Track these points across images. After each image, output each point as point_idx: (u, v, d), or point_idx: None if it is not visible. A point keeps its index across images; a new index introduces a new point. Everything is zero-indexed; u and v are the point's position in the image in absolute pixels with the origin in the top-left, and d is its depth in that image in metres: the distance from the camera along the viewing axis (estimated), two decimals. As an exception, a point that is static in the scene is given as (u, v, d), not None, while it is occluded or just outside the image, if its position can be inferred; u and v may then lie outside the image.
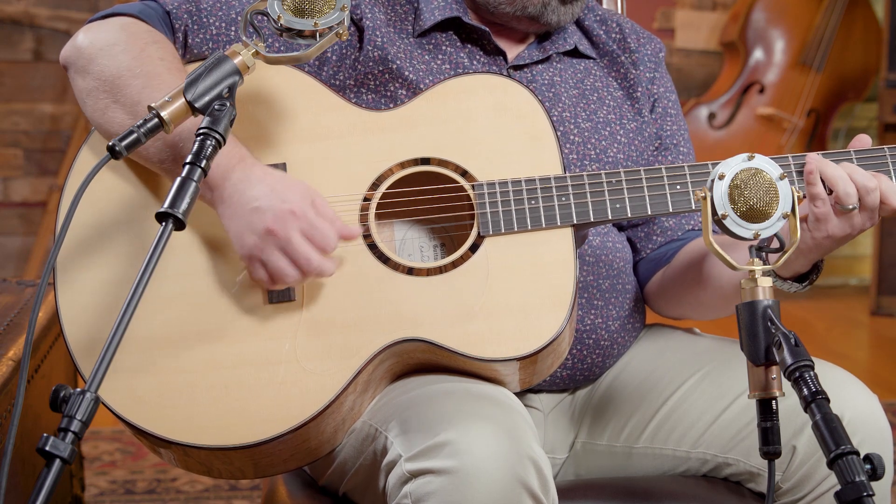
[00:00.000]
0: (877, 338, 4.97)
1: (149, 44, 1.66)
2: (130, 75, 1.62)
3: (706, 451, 1.75)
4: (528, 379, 1.64)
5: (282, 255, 1.54)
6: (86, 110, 1.67)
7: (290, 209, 1.54)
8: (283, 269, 1.54)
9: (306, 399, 1.56)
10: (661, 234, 1.88)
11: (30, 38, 5.03)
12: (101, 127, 1.66)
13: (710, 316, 1.86)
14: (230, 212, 1.56)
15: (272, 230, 1.53)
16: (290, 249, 1.54)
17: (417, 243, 1.71)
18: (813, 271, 1.69)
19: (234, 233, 1.56)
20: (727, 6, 5.54)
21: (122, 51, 1.64)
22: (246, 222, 1.55)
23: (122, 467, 3.39)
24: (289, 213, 1.54)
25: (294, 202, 1.54)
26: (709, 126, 5.28)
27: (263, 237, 1.54)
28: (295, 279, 1.55)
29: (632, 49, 1.91)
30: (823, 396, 1.32)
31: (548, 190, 1.64)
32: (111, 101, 1.63)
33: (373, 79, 1.75)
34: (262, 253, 1.54)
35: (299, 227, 1.54)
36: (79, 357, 1.59)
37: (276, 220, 1.53)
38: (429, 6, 1.80)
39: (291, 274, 1.55)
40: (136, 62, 1.63)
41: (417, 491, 1.46)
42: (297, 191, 1.56)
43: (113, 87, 1.63)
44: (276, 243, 1.54)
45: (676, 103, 1.95)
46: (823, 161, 1.61)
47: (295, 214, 1.54)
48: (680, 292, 1.84)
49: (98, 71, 1.65)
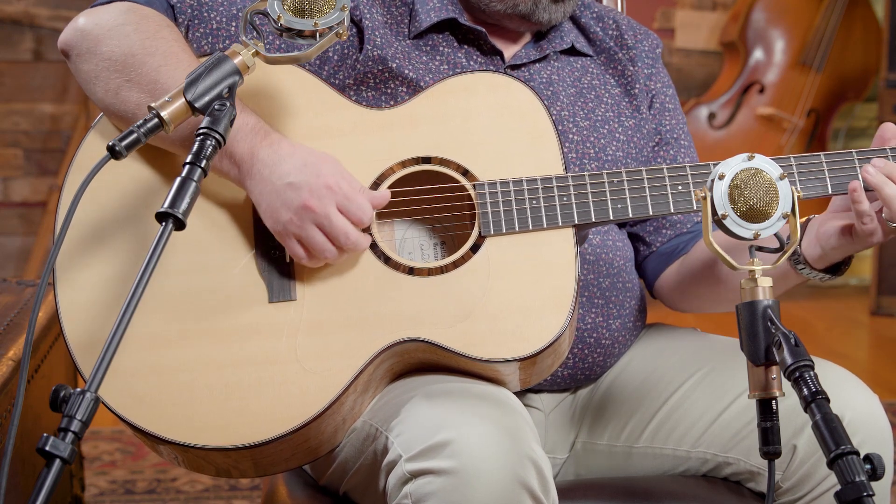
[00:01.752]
0: (877, 338, 4.97)
1: (163, 26, 1.64)
2: (145, 53, 1.60)
3: (706, 451, 1.75)
4: (527, 379, 1.64)
5: (319, 231, 1.54)
6: (95, 94, 1.64)
7: (325, 183, 1.54)
8: (321, 244, 1.54)
9: (307, 399, 1.56)
10: (671, 228, 1.88)
11: (30, 38, 5.03)
12: (113, 108, 1.63)
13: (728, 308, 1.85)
14: (261, 188, 1.56)
15: (309, 206, 1.53)
16: (329, 225, 1.53)
17: (418, 242, 1.71)
18: (846, 262, 1.67)
19: (267, 208, 1.55)
20: (727, 6, 5.54)
21: (134, 31, 1.62)
22: (280, 198, 1.54)
23: (122, 467, 3.39)
24: (325, 187, 1.53)
25: (328, 175, 1.54)
26: (709, 126, 5.28)
27: (300, 213, 1.53)
28: (333, 254, 1.55)
29: (629, 46, 1.91)
30: (823, 396, 1.32)
31: (549, 190, 1.64)
32: (123, 80, 1.61)
33: (373, 77, 1.75)
34: (300, 229, 1.54)
35: (336, 202, 1.54)
36: (79, 356, 1.59)
37: (313, 195, 1.53)
38: (424, 7, 1.80)
39: (329, 249, 1.54)
40: (151, 42, 1.61)
41: (418, 491, 1.46)
42: (329, 164, 1.56)
43: (125, 66, 1.61)
44: (314, 219, 1.53)
45: (674, 97, 1.95)
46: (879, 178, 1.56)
47: (331, 189, 1.54)
48: (697, 287, 1.84)
49: (107, 51, 1.62)
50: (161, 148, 1.65)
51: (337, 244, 1.55)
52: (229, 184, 1.63)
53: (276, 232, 1.57)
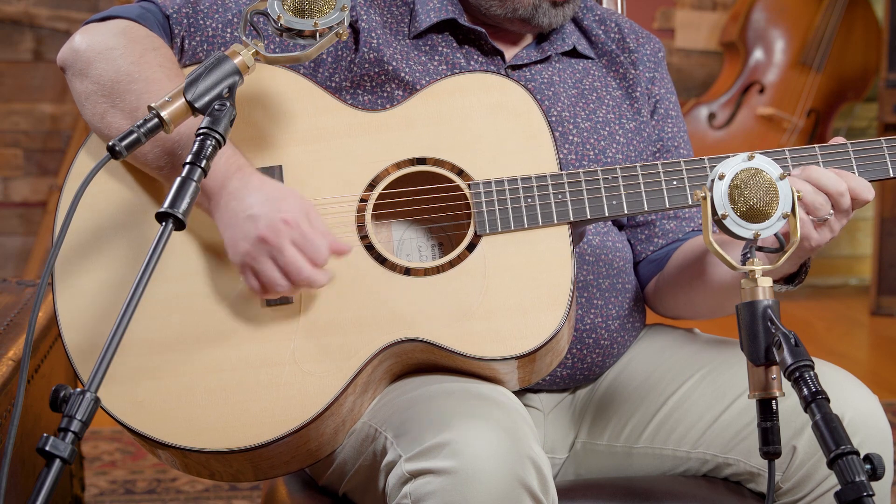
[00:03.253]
0: (877, 338, 4.97)
1: (148, 50, 1.66)
2: (129, 80, 1.62)
3: (706, 452, 1.75)
4: (526, 377, 1.64)
5: (273, 263, 1.54)
6: (84, 114, 1.67)
7: (283, 218, 1.54)
8: (273, 278, 1.54)
9: (305, 401, 1.56)
10: (663, 237, 1.88)
11: (30, 38, 5.03)
12: (99, 131, 1.66)
13: (702, 316, 1.86)
14: (225, 219, 1.56)
15: (265, 238, 1.53)
16: (281, 259, 1.54)
17: (415, 243, 1.71)
18: (801, 272, 1.68)
19: (229, 240, 1.56)
20: (727, 6, 5.54)
21: (121, 55, 1.64)
22: (240, 230, 1.55)
23: (122, 467, 3.39)
24: (282, 222, 1.54)
25: (288, 212, 1.55)
26: (709, 126, 5.28)
27: (256, 245, 1.54)
28: (284, 289, 1.55)
29: (631, 49, 1.91)
30: (823, 396, 1.32)
31: (544, 188, 1.64)
32: (109, 105, 1.63)
33: (369, 80, 1.75)
34: (254, 261, 1.54)
35: (291, 237, 1.54)
36: (78, 362, 1.59)
37: (270, 228, 1.53)
38: (424, 8, 1.80)
39: (281, 283, 1.55)
40: (134, 67, 1.63)
41: (417, 491, 1.46)
42: (292, 201, 1.56)
43: (112, 91, 1.63)
44: (268, 251, 1.54)
45: (676, 105, 1.95)
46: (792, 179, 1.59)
47: (288, 224, 1.54)
48: (674, 291, 1.84)
49: (96, 75, 1.64)
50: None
51: (290, 278, 1.55)
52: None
53: (235, 263, 1.57)
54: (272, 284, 1.55)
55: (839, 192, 1.57)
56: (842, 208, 1.59)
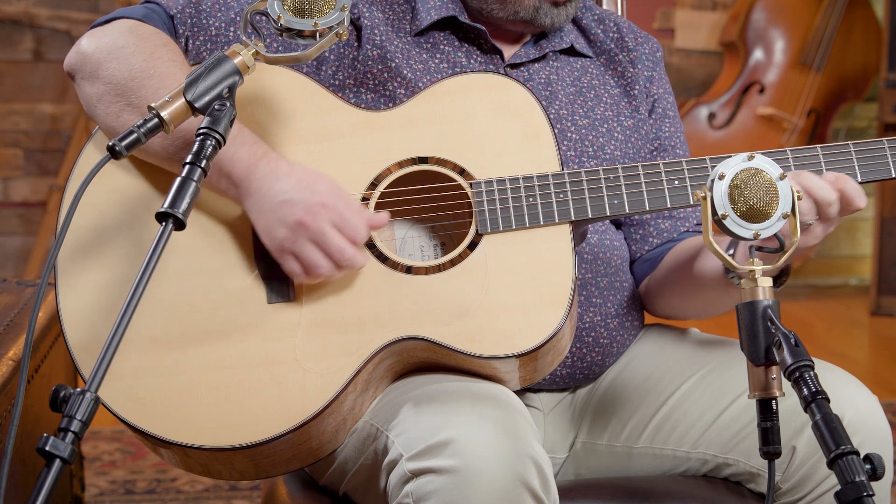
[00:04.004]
0: (877, 338, 4.97)
1: (159, 46, 1.65)
2: (144, 76, 1.61)
3: (706, 452, 1.75)
4: (528, 376, 1.64)
5: (315, 246, 1.54)
6: (97, 117, 1.66)
7: (320, 201, 1.54)
8: (316, 260, 1.54)
9: (306, 398, 1.56)
10: (658, 236, 1.88)
11: (30, 38, 5.03)
12: (114, 131, 1.63)
13: (690, 317, 1.87)
14: (258, 206, 1.56)
15: (304, 222, 1.53)
16: (324, 241, 1.54)
17: (418, 242, 1.71)
18: (782, 275, 1.68)
19: (264, 226, 1.56)
20: (727, 6, 5.54)
21: (133, 53, 1.63)
22: (276, 215, 1.55)
23: (122, 467, 3.39)
24: (319, 205, 1.54)
25: (324, 194, 1.55)
26: (709, 126, 5.28)
27: (295, 229, 1.54)
28: (329, 270, 1.55)
29: (629, 48, 1.91)
30: (823, 396, 1.32)
31: (545, 187, 1.64)
32: (124, 104, 1.62)
33: (371, 78, 1.75)
34: (294, 245, 1.54)
35: (330, 219, 1.54)
36: (80, 360, 1.59)
37: (308, 211, 1.54)
38: (425, 6, 1.80)
39: (325, 265, 1.55)
40: (148, 63, 1.62)
41: (419, 490, 1.46)
42: (325, 183, 1.57)
43: (126, 90, 1.62)
44: (309, 235, 1.54)
45: (674, 105, 1.95)
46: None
47: (326, 206, 1.54)
48: (663, 292, 1.85)
49: (108, 75, 1.64)
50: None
51: (333, 260, 1.55)
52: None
53: (272, 249, 1.57)
54: (315, 267, 1.55)
55: (827, 202, 1.57)
56: (827, 217, 1.58)
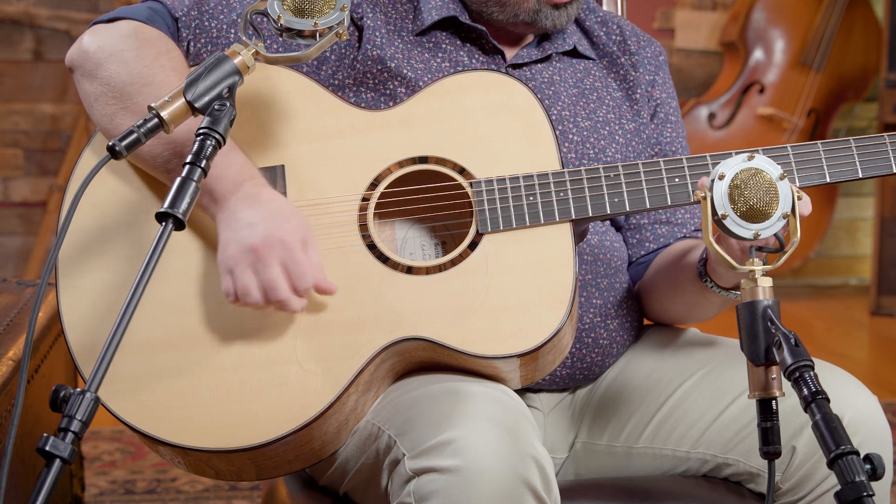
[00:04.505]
0: (877, 338, 4.97)
1: (162, 53, 1.65)
2: (142, 83, 1.61)
3: (706, 452, 1.75)
4: (530, 375, 1.64)
5: (253, 274, 1.54)
6: (93, 115, 1.66)
7: (281, 237, 1.54)
8: (249, 287, 1.54)
9: (308, 400, 1.56)
10: (654, 241, 1.88)
11: (30, 38, 5.03)
12: (108, 133, 1.64)
13: (674, 321, 1.87)
14: (226, 222, 1.56)
15: (256, 249, 1.53)
16: (264, 273, 1.53)
17: (419, 242, 1.71)
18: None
19: (223, 241, 1.56)
20: (727, 6, 5.54)
21: (134, 58, 1.63)
22: (236, 234, 1.55)
23: (122, 467, 3.39)
24: (278, 240, 1.54)
25: (288, 232, 1.54)
26: (709, 126, 5.28)
27: (244, 252, 1.53)
28: (256, 301, 1.54)
29: (632, 51, 1.91)
30: (823, 396, 1.32)
31: (546, 186, 1.64)
32: (120, 107, 1.62)
33: (371, 77, 1.75)
34: (237, 266, 1.54)
35: (281, 258, 1.54)
36: (81, 361, 1.59)
37: (264, 242, 1.53)
38: (427, 5, 1.80)
39: (255, 295, 1.54)
40: (148, 70, 1.62)
41: (420, 489, 1.46)
42: (295, 223, 1.56)
43: (123, 93, 1.62)
44: (253, 263, 1.53)
45: (677, 109, 1.95)
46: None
47: (284, 244, 1.54)
48: (649, 295, 1.85)
49: (107, 76, 1.64)
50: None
51: (265, 294, 1.54)
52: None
53: (219, 263, 1.56)
54: (244, 292, 1.54)
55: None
56: None
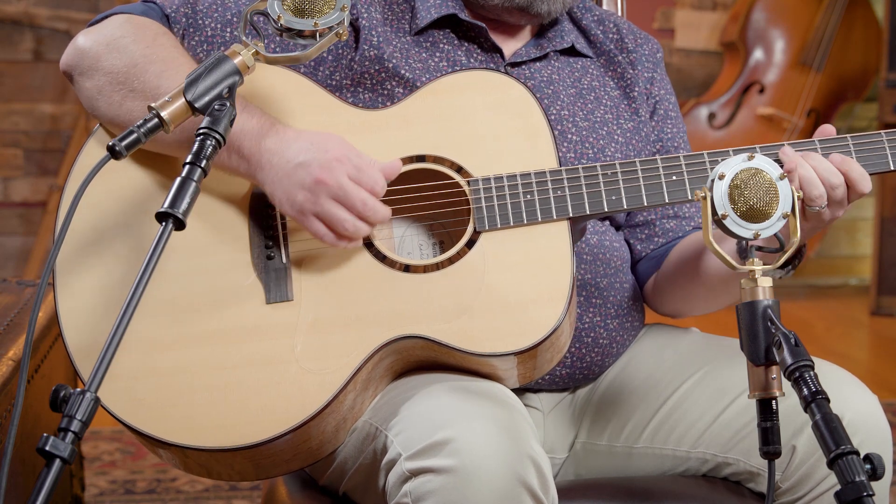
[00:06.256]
0: (877, 338, 4.97)
1: (159, 34, 1.66)
2: (146, 62, 1.61)
3: (706, 451, 1.75)
4: (527, 374, 1.64)
5: (336, 202, 1.53)
6: (99, 111, 1.66)
7: (334, 156, 1.54)
8: (339, 216, 1.53)
9: (306, 398, 1.56)
10: (663, 236, 1.88)
11: (30, 38, 5.03)
12: (118, 120, 1.63)
13: (699, 311, 1.87)
14: (272, 176, 1.56)
15: (321, 179, 1.53)
16: (343, 195, 1.53)
17: (417, 241, 1.71)
18: (795, 257, 1.68)
19: (282, 194, 1.55)
20: (727, 6, 5.54)
21: (132, 42, 1.63)
22: (292, 180, 1.54)
23: (122, 467, 3.39)
24: (334, 160, 1.54)
25: (336, 150, 1.54)
26: (709, 126, 5.28)
27: (313, 189, 1.53)
28: (353, 225, 1.54)
29: (629, 49, 1.91)
30: (823, 396, 1.32)
31: (543, 183, 1.64)
32: (127, 91, 1.62)
33: (369, 78, 1.75)
34: (316, 205, 1.54)
35: (347, 172, 1.54)
36: (79, 361, 1.59)
37: (323, 169, 1.53)
38: (424, 4, 1.80)
39: (349, 219, 1.54)
40: (150, 50, 1.62)
41: (417, 490, 1.46)
42: (335, 140, 1.56)
43: (127, 77, 1.62)
44: (328, 192, 1.53)
45: (676, 105, 1.95)
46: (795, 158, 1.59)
47: (340, 160, 1.54)
48: (671, 288, 1.85)
49: (108, 66, 1.63)
50: (161, 154, 1.65)
51: (356, 213, 1.54)
52: (225, 186, 1.63)
53: (294, 216, 1.56)
54: (339, 222, 1.53)
55: (834, 185, 1.58)
56: (834, 200, 1.59)
